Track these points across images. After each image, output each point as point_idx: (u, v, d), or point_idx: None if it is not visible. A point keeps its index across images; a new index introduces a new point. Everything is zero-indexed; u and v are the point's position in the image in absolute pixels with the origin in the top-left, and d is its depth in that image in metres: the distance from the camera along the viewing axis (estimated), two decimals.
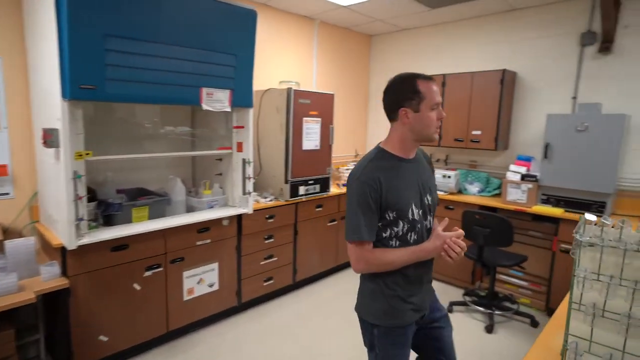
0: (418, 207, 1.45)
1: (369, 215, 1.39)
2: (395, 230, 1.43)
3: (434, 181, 1.60)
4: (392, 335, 1.48)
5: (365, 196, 1.38)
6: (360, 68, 5.08)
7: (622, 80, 3.32)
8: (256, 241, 3.29)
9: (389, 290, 1.46)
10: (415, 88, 1.39)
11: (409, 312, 1.47)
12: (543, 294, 3.40)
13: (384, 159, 1.45)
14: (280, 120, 3.45)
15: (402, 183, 1.43)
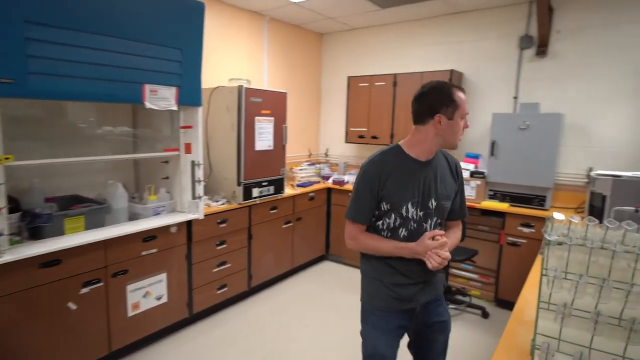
0: (416, 207, 1.51)
1: (366, 201, 1.53)
2: (388, 221, 1.54)
3: (450, 191, 1.59)
4: (373, 316, 1.62)
5: (366, 184, 1.53)
6: (312, 66, 5.02)
7: (556, 82, 3.55)
8: (208, 248, 3.10)
9: (374, 273, 1.60)
10: (452, 97, 1.44)
11: (390, 299, 1.57)
12: (492, 285, 3.55)
13: (396, 156, 1.54)
14: (231, 119, 3.28)
15: (404, 181, 1.51)
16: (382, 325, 1.60)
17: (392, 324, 1.60)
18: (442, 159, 1.60)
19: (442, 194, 1.55)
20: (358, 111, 4.46)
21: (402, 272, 1.55)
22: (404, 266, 1.54)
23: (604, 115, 3.35)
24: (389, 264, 1.56)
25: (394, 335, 1.62)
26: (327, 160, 5.21)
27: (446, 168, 1.60)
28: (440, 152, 1.60)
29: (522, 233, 3.26)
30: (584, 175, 3.45)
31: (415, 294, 1.57)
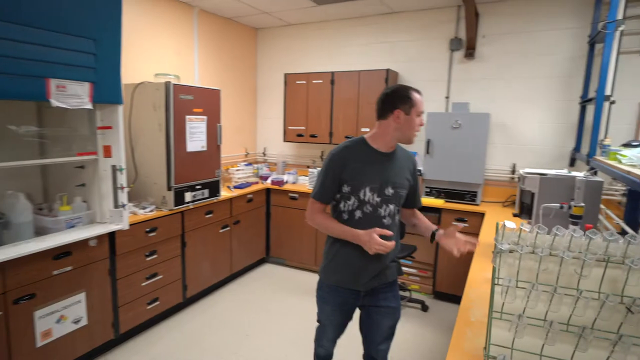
0: (374, 192, 1.70)
1: (327, 184, 1.72)
2: (348, 203, 1.72)
3: (405, 181, 1.78)
4: (322, 289, 1.86)
5: (329, 169, 1.72)
6: (247, 63, 4.80)
7: (483, 83, 3.75)
8: (135, 260, 2.81)
9: (330, 252, 1.80)
10: (409, 96, 1.66)
11: (337, 277, 1.78)
12: (430, 278, 3.67)
13: (360, 146, 1.73)
14: (159, 118, 3.00)
15: (364, 167, 1.69)
16: (326, 298, 1.84)
17: (336, 299, 1.81)
18: (401, 154, 1.80)
19: (398, 183, 1.73)
20: (296, 109, 4.36)
21: (352, 255, 1.72)
22: (360, 252, 1.68)
23: (524, 115, 3.61)
24: (347, 247, 1.72)
25: (337, 309, 1.83)
26: (265, 160, 5.05)
27: (404, 162, 1.79)
28: (400, 148, 1.80)
29: (457, 228, 3.40)
30: (509, 171, 3.70)
31: (362, 277, 1.74)
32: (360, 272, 1.73)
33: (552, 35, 3.44)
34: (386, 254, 1.70)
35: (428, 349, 2.82)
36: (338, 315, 1.85)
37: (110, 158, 2.47)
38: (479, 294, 1.67)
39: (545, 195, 1.97)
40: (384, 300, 1.81)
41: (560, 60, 3.44)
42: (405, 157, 1.82)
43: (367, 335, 1.92)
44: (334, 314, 1.84)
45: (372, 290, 1.79)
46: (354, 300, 1.81)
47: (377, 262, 1.72)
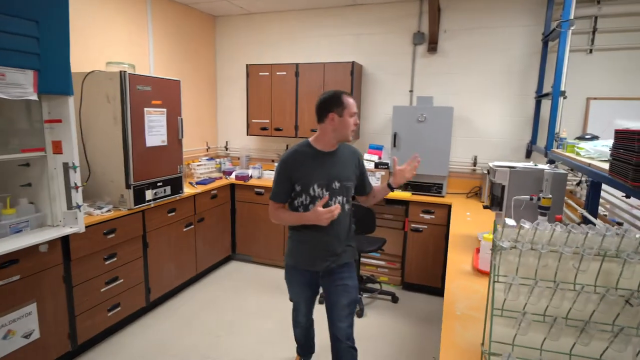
0: (322, 188, 1.92)
1: (281, 185, 1.96)
2: (301, 200, 1.95)
3: (351, 174, 2.00)
4: (289, 273, 2.13)
5: (280, 172, 1.96)
6: (205, 52, 4.58)
7: (445, 77, 3.84)
8: (93, 264, 2.60)
9: (292, 240, 2.06)
10: (341, 100, 1.88)
11: (297, 260, 2.05)
12: (398, 270, 3.74)
13: (306, 148, 1.96)
14: (114, 111, 2.77)
15: (312, 167, 1.92)
16: (292, 279, 2.13)
17: (299, 279, 2.09)
18: (345, 150, 2.03)
19: (344, 177, 1.97)
20: (259, 102, 4.23)
21: (309, 240, 1.98)
22: (314, 237, 1.96)
23: (483, 108, 3.74)
24: (303, 234, 1.99)
25: (303, 287, 2.11)
26: (227, 154, 4.87)
27: (349, 158, 2.02)
28: (344, 146, 2.03)
29: (424, 219, 3.48)
30: (471, 163, 3.83)
31: (318, 259, 1.99)
32: (316, 255, 1.99)
33: (508, 31, 3.58)
34: (339, 236, 1.97)
35: (401, 339, 2.87)
36: (305, 291, 2.14)
37: (60, 155, 2.25)
38: (459, 287, 1.70)
39: (514, 188, 2.04)
40: (340, 280, 2.03)
41: (516, 56, 3.59)
42: (350, 152, 2.05)
43: (329, 315, 2.10)
44: (301, 291, 2.14)
45: (330, 271, 2.02)
46: (315, 279, 2.08)
47: (331, 247, 1.97)
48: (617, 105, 3.37)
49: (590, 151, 2.19)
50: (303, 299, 2.17)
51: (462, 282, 1.75)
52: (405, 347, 2.78)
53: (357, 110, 1.96)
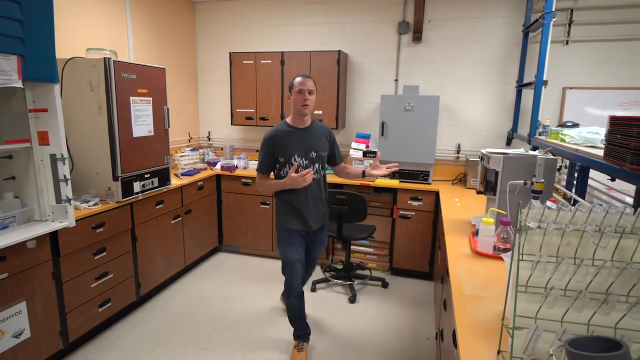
0: (303, 157, 2.33)
1: (265, 159, 2.35)
2: (285, 170, 2.33)
3: (324, 145, 2.42)
4: (281, 234, 2.44)
5: (265, 147, 2.34)
6: (185, 39, 4.44)
7: (430, 66, 3.91)
8: (82, 260, 2.51)
9: (280, 206, 2.42)
10: (292, 82, 2.31)
11: (291, 221, 2.38)
12: (386, 256, 3.83)
13: (284, 127, 2.37)
14: (98, 100, 2.66)
15: (290, 141, 2.32)
16: (287, 240, 2.42)
17: (294, 239, 2.41)
18: (318, 127, 2.44)
19: (319, 147, 2.38)
20: (244, 91, 4.17)
21: (295, 204, 2.36)
22: (299, 203, 2.36)
23: (466, 97, 3.85)
24: (292, 198, 2.36)
25: (297, 246, 2.42)
26: (210, 145, 4.78)
27: (321, 132, 2.43)
28: (317, 123, 2.45)
29: (412, 206, 3.57)
30: (454, 151, 3.95)
31: (306, 221, 2.38)
32: (307, 217, 2.37)
33: (490, 22, 3.69)
34: (322, 201, 2.45)
35: (394, 323, 2.96)
36: (300, 251, 2.43)
37: (47, 146, 2.14)
38: (461, 269, 1.76)
39: (508, 173, 2.12)
40: (320, 238, 2.56)
41: (497, 46, 3.70)
42: (322, 128, 2.46)
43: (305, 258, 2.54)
44: (298, 250, 2.42)
45: (315, 232, 2.48)
46: (305, 238, 2.46)
47: (315, 208, 2.41)
48: (589, 95, 3.55)
49: (575, 137, 2.31)
50: (299, 259, 2.42)
51: (464, 265, 1.82)
52: (399, 329, 2.87)
53: (311, 88, 2.27)
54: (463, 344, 1.21)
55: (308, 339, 2.61)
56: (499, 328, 1.29)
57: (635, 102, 3.45)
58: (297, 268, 2.41)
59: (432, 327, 2.90)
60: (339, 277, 3.52)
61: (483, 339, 1.23)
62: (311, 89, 2.28)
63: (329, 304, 3.21)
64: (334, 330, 2.85)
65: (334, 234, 3.29)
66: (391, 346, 2.67)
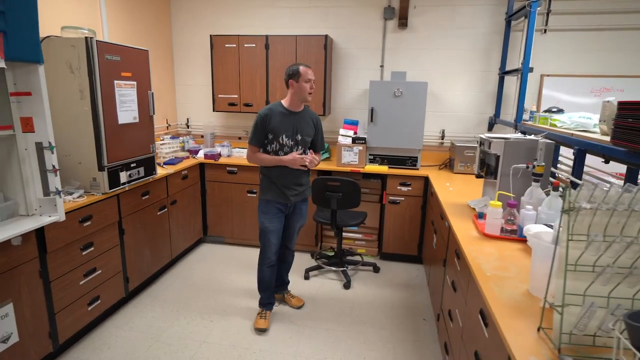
0: (289, 138, 2.55)
1: (259, 133, 2.54)
2: (273, 146, 2.56)
3: (310, 131, 2.64)
4: (261, 205, 2.65)
5: (257, 123, 2.53)
6: (158, 20, 4.19)
7: (415, 52, 3.94)
8: (70, 255, 2.34)
9: (264, 179, 2.63)
10: (298, 70, 2.49)
11: (270, 194, 2.60)
12: (375, 241, 3.88)
13: (278, 107, 2.56)
14: (80, 84, 2.46)
15: (281, 121, 2.53)
16: (265, 210, 2.63)
17: (271, 209, 2.62)
18: (308, 113, 2.64)
19: (305, 132, 2.59)
20: (226, 76, 4.01)
21: (279, 178, 2.57)
22: (282, 177, 2.57)
23: (450, 84, 3.93)
24: (274, 174, 2.58)
25: (273, 216, 2.62)
26: (188, 132, 4.59)
27: (309, 118, 2.64)
28: (307, 110, 2.65)
29: (401, 192, 3.62)
30: (439, 136, 4.03)
31: (286, 195, 2.59)
32: (288, 191, 2.58)
33: (473, 10, 3.76)
34: (302, 178, 2.64)
35: (390, 306, 3.02)
36: (278, 221, 2.64)
37: (32, 133, 1.96)
38: (474, 251, 1.81)
39: (509, 157, 2.20)
40: (300, 209, 2.74)
41: (480, 34, 3.79)
42: (310, 115, 2.65)
43: (283, 237, 2.75)
44: (275, 219, 2.63)
45: (295, 205, 2.69)
46: (284, 210, 2.66)
47: (297, 184, 2.62)
48: (564, 82, 3.73)
49: (567, 122, 2.42)
50: (275, 229, 2.63)
51: (475, 247, 1.87)
52: (396, 312, 2.93)
53: (314, 78, 2.53)
54: (502, 322, 1.24)
55: (272, 307, 2.84)
56: (529, 306, 1.35)
57: (606, 88, 3.67)
58: (272, 238, 2.63)
59: (428, 308, 2.99)
60: (331, 264, 3.53)
61: (518, 317, 1.27)
62: (314, 78, 2.57)
63: (325, 290, 3.22)
64: (333, 316, 2.87)
65: (327, 221, 3.29)
66: (392, 328, 2.73)
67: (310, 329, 2.71)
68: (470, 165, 3.56)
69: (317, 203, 3.28)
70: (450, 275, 2.23)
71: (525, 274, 1.58)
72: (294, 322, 2.78)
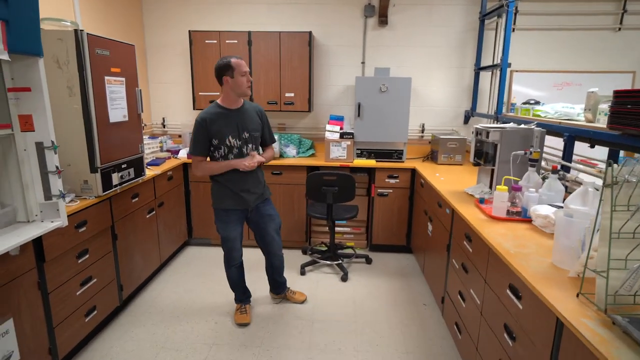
0: (236, 138, 2.41)
1: (200, 140, 2.39)
2: (220, 152, 2.42)
3: (257, 125, 2.50)
4: (219, 214, 2.55)
5: (198, 129, 2.38)
6: (131, 16, 3.99)
7: (394, 49, 4.07)
8: (67, 264, 2.19)
9: (217, 188, 2.51)
10: (229, 64, 2.31)
11: (228, 202, 2.49)
12: (363, 234, 3.97)
13: (216, 108, 2.41)
14: (68, 79, 2.29)
15: (223, 122, 2.38)
16: (225, 219, 2.54)
17: (232, 217, 2.53)
18: (249, 107, 2.49)
19: (251, 128, 2.45)
20: (207, 72, 3.90)
21: (233, 184, 2.45)
22: (238, 182, 2.45)
23: (429, 79, 4.11)
24: (228, 179, 2.45)
25: (235, 224, 2.55)
26: (164, 132, 4.40)
27: (252, 112, 2.49)
28: (248, 104, 2.51)
29: (389, 184, 3.73)
30: (419, 130, 4.20)
31: (244, 199, 2.49)
32: (247, 195, 2.48)
33: (449, 9, 3.95)
34: (259, 178, 2.54)
35: (390, 294, 3.11)
36: (239, 228, 2.58)
37: (32, 132, 1.81)
38: (492, 232, 1.93)
39: (505, 145, 2.36)
40: (265, 212, 2.62)
41: (456, 32, 3.99)
42: (253, 108, 2.51)
43: (262, 240, 2.69)
44: (236, 227, 2.55)
45: (257, 207, 2.58)
46: (244, 216, 2.59)
47: (255, 187, 2.51)
48: (529, 77, 4.04)
49: (550, 112, 2.64)
50: (237, 235, 2.57)
51: (488, 229, 1.99)
52: (397, 300, 3.03)
53: (248, 70, 2.36)
54: (543, 292, 1.35)
55: (249, 301, 2.83)
56: (558, 276, 1.46)
57: (567, 83, 4.02)
58: (236, 244, 2.59)
59: (426, 293, 3.12)
60: (326, 258, 3.56)
61: (552, 287, 1.39)
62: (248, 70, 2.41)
63: (324, 285, 3.25)
64: (338, 308, 2.90)
65: (323, 216, 3.32)
66: (396, 316, 2.82)
67: (318, 322, 2.72)
68: (453, 156, 3.75)
69: (312, 198, 3.30)
70: (457, 259, 2.35)
71: (543, 250, 1.71)
72: (300, 317, 2.78)
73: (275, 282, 2.90)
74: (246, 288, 2.82)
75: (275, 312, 2.85)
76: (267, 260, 2.81)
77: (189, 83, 4.08)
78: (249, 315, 2.72)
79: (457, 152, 3.73)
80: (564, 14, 3.85)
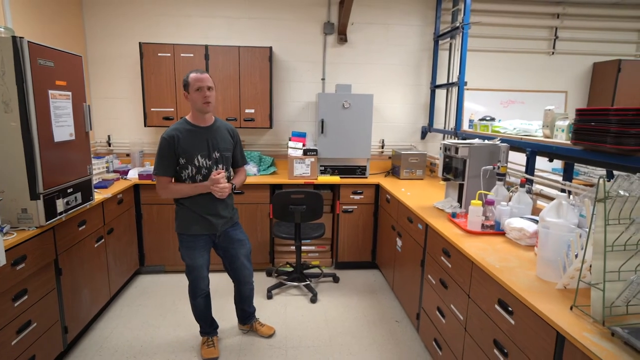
0: (204, 157, 2.24)
1: (165, 160, 2.19)
2: (187, 172, 2.23)
3: (228, 145, 2.34)
4: (184, 240, 2.33)
5: (164, 147, 2.18)
6: (71, 24, 3.66)
7: (353, 66, 4.12)
8: (1, 310, 1.86)
9: (182, 211, 2.30)
10: (187, 80, 2.20)
11: (195, 227, 2.29)
12: (328, 252, 3.89)
13: (185, 125, 2.24)
14: (3, 93, 2.00)
15: (192, 140, 2.21)
16: (191, 245, 2.32)
17: (198, 243, 2.32)
18: (221, 125, 2.35)
19: (222, 147, 2.29)
20: (160, 87, 3.66)
21: (201, 209, 2.26)
22: (205, 205, 2.26)
23: (386, 96, 4.20)
24: (193, 202, 2.26)
25: (203, 251, 2.35)
26: (110, 151, 4.04)
27: (224, 131, 2.34)
28: (220, 121, 2.36)
29: (354, 200, 3.71)
30: (379, 146, 4.26)
31: (211, 224, 2.30)
32: (215, 219, 2.30)
33: (404, 29, 4.10)
34: (227, 202, 2.34)
35: (360, 313, 3.04)
36: (205, 254, 2.37)
37: None
38: (472, 247, 1.95)
39: (474, 160, 2.43)
40: (235, 236, 2.44)
41: (411, 51, 4.14)
42: (224, 127, 2.36)
43: (232, 267, 2.50)
44: (202, 254, 2.34)
45: (225, 232, 2.39)
46: (211, 242, 2.39)
47: (224, 210, 2.33)
48: (477, 95, 4.28)
49: (509, 129, 2.78)
50: (204, 262, 2.37)
51: (467, 244, 2.01)
52: (369, 319, 2.97)
53: (210, 84, 2.18)
54: (539, 306, 1.36)
55: (216, 332, 2.62)
56: (545, 289, 1.49)
57: (511, 101, 4.32)
58: (203, 272, 2.39)
59: (397, 310, 3.09)
60: (292, 279, 3.43)
61: (545, 300, 1.40)
62: (210, 85, 2.19)
63: (293, 307, 3.10)
64: (310, 333, 2.78)
65: (290, 236, 3.20)
66: (370, 335, 2.75)
67: (292, 348, 2.58)
68: (414, 171, 3.82)
69: (278, 217, 3.17)
70: (434, 274, 2.35)
71: (525, 263, 1.75)
72: (273, 345, 2.62)
73: (244, 313, 2.71)
74: (213, 319, 2.60)
75: (245, 341, 2.65)
76: (236, 289, 2.62)
77: (139, 98, 3.80)
78: (217, 349, 2.51)
79: (418, 167, 3.81)
80: (506, 38, 4.16)
